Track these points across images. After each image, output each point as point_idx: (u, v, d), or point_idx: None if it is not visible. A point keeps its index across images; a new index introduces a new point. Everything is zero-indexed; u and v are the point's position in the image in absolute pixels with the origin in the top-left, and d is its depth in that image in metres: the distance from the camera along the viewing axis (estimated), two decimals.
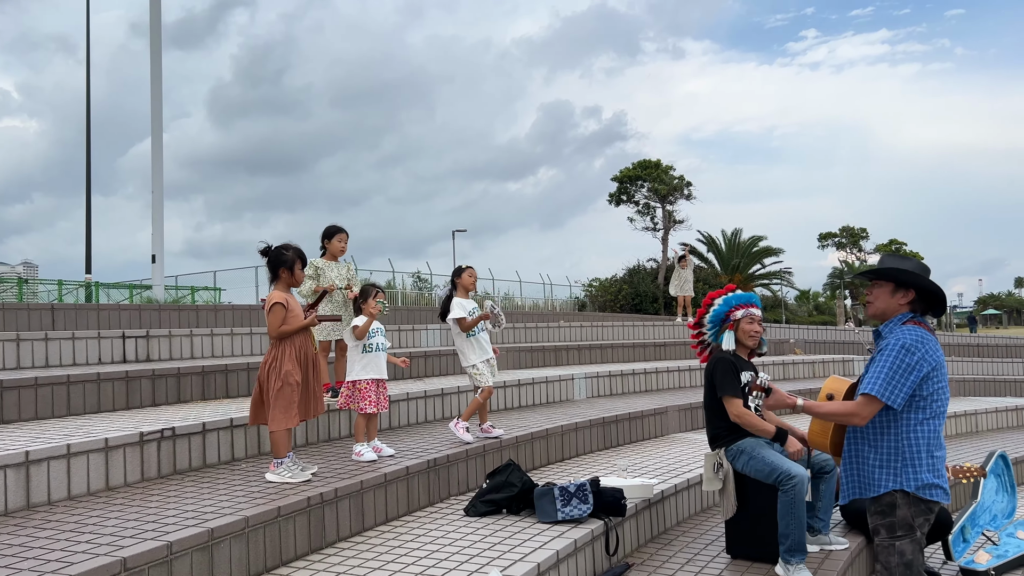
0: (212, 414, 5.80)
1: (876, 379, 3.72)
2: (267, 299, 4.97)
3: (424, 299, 31.24)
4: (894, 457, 3.76)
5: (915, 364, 3.68)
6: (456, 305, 6.27)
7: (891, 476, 3.76)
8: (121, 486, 4.75)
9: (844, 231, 77.18)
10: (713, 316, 5.13)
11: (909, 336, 3.74)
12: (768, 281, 44.47)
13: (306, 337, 5.03)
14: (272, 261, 4.99)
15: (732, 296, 5.15)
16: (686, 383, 10.76)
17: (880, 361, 3.75)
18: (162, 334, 7.91)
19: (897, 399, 3.69)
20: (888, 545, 3.80)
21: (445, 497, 5.55)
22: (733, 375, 4.90)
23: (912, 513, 3.75)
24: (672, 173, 36.22)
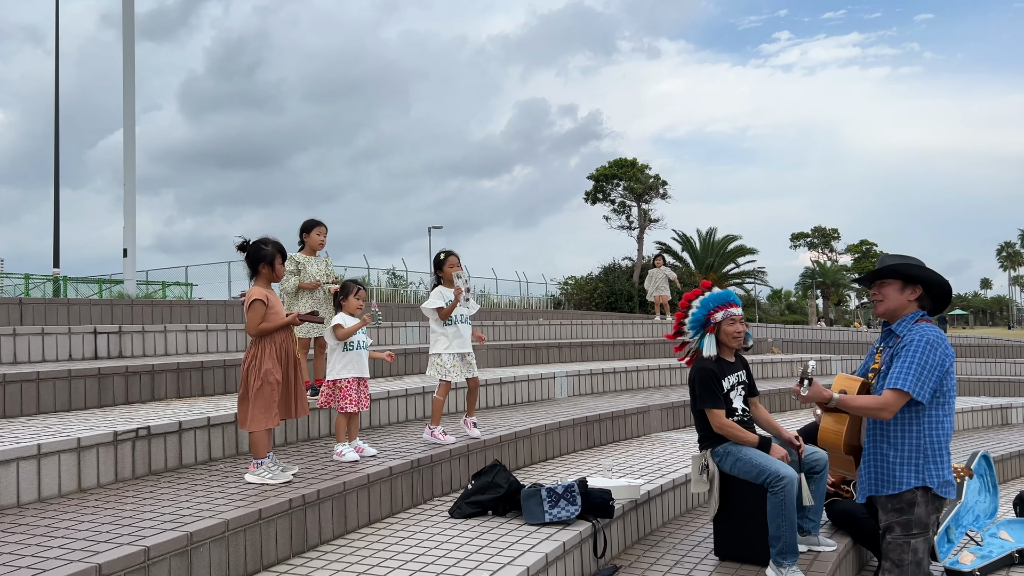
0: (188, 413, 5.63)
1: (906, 374, 3.72)
2: (247, 295, 4.82)
3: (400, 296, 31.03)
4: (917, 454, 3.78)
5: (939, 360, 3.75)
6: (435, 294, 6.10)
7: (913, 473, 3.79)
8: (94, 487, 4.58)
9: (816, 231, 78.18)
10: (693, 321, 5.01)
11: (931, 333, 3.80)
12: (742, 280, 44.79)
13: (287, 335, 4.88)
14: (251, 256, 4.83)
15: (708, 297, 5.02)
16: (666, 382, 10.72)
17: (906, 357, 3.76)
18: (135, 330, 7.70)
19: (925, 394, 3.73)
20: (903, 543, 3.80)
21: (429, 498, 5.43)
22: (715, 385, 4.84)
23: (928, 511, 3.81)
24: (648, 172, 36.29)
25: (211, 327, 8.37)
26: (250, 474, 4.72)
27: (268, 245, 4.83)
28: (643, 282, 32.75)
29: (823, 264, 70.89)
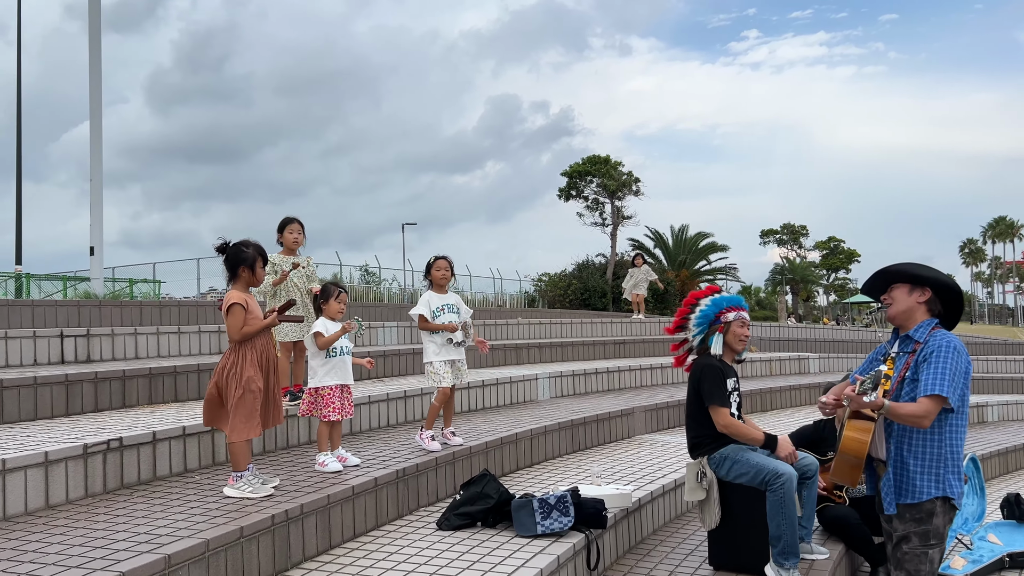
0: (162, 421, 5.39)
1: (941, 380, 3.64)
2: (224, 299, 4.60)
3: (373, 294, 30.71)
4: (938, 464, 3.72)
5: (964, 366, 3.72)
6: (423, 301, 5.91)
7: (934, 483, 3.72)
8: (63, 504, 4.34)
9: (785, 228, 78.93)
10: (701, 317, 4.88)
11: (954, 339, 3.75)
12: (713, 277, 44.93)
13: (267, 339, 4.67)
14: (231, 259, 4.61)
15: (721, 298, 4.93)
16: (647, 382, 10.63)
17: (937, 362, 3.68)
18: (103, 333, 7.41)
19: (956, 399, 3.68)
20: (920, 553, 3.74)
21: (414, 509, 5.25)
22: (721, 382, 4.72)
23: (944, 522, 3.76)
24: (621, 169, 36.28)
25: (183, 329, 8.09)
26: (229, 487, 4.51)
27: (249, 248, 4.61)
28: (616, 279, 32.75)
29: (792, 260, 71.59)
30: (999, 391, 13.02)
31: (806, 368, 13.29)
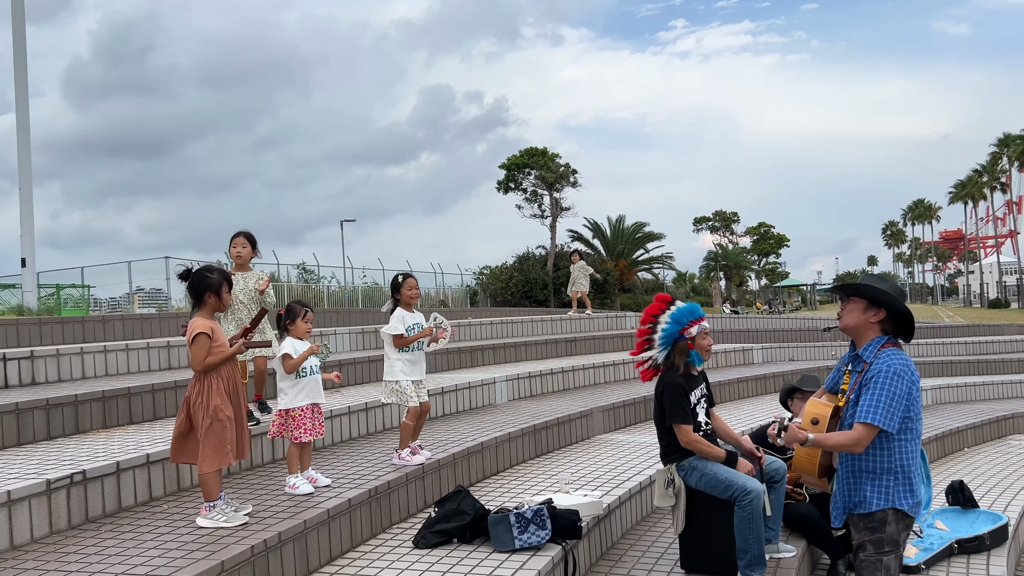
0: (122, 448, 5.24)
1: (875, 408, 3.76)
2: (189, 327, 4.48)
3: (312, 292, 30.25)
4: (887, 477, 3.83)
5: (905, 390, 3.79)
6: (396, 319, 5.81)
7: (884, 495, 3.84)
8: (27, 543, 4.19)
9: (717, 215, 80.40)
10: (665, 337, 4.94)
11: (896, 361, 3.82)
12: (650, 266, 45.65)
13: (233, 367, 4.57)
14: (195, 286, 4.50)
15: (680, 312, 4.98)
16: (600, 380, 10.76)
17: (874, 389, 3.79)
18: (48, 353, 7.14)
19: (894, 424, 3.77)
20: (875, 561, 3.85)
21: (387, 527, 5.23)
22: (683, 400, 4.81)
23: (899, 529, 3.86)
24: (558, 161, 36.47)
25: (131, 345, 7.86)
26: (202, 517, 4.41)
27: (213, 273, 4.51)
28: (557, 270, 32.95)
29: (725, 247, 73.07)
30: (930, 374, 13.47)
31: (751, 359, 13.63)
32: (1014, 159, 65.52)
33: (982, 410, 11.14)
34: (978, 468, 8.83)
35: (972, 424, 10.17)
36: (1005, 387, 12.78)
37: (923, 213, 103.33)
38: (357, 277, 33.83)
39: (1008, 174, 71.62)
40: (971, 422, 10.21)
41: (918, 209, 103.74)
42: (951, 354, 15.24)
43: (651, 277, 49.14)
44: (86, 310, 25.26)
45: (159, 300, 29.08)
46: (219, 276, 4.53)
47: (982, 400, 12.32)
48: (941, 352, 15.25)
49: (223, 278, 4.54)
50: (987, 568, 5.87)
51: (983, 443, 10.17)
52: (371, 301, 31.07)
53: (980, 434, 10.24)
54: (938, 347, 15.40)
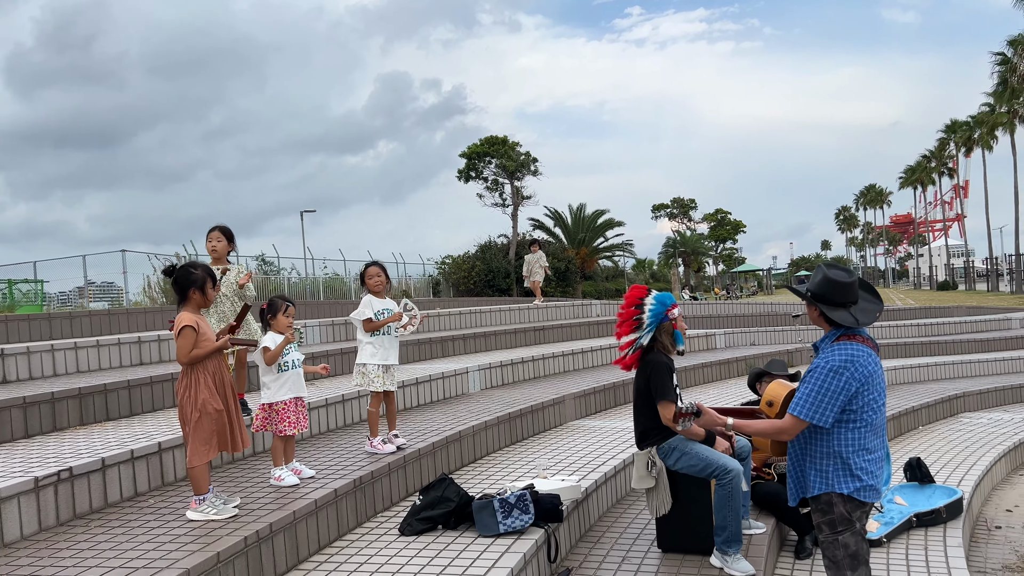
0: (104, 445, 5.26)
1: (804, 402, 3.90)
2: (175, 321, 4.54)
3: (272, 284, 29.97)
4: (827, 462, 3.95)
5: (842, 387, 3.86)
6: (365, 303, 5.96)
7: (823, 480, 3.96)
8: (18, 541, 4.21)
9: (675, 202, 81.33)
10: (652, 316, 5.09)
11: (838, 357, 3.90)
12: (611, 253, 46.06)
13: (220, 361, 4.63)
14: (180, 282, 4.55)
15: (662, 295, 5.16)
16: (570, 367, 10.94)
17: (809, 382, 3.92)
18: (18, 351, 7.09)
19: (825, 419, 3.87)
20: (832, 541, 4.00)
21: (372, 515, 5.33)
22: (669, 379, 4.98)
23: (848, 509, 3.95)
24: (519, 150, 36.56)
25: (102, 341, 7.81)
26: (192, 511, 4.48)
27: (197, 269, 4.57)
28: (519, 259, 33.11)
29: (683, 233, 73.95)
30: (885, 356, 13.98)
31: (713, 344, 13.93)
32: (960, 145, 67.26)
33: (935, 390, 11.56)
34: (933, 445, 9.20)
35: (926, 403, 10.56)
36: (955, 367, 13.26)
37: (875, 198, 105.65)
38: (318, 268, 33.58)
39: (955, 159, 73.52)
40: (925, 401, 10.60)
41: (870, 194, 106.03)
42: (904, 336, 15.74)
43: (611, 264, 49.61)
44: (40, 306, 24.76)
45: (111, 294, 28.59)
46: (203, 272, 4.58)
47: (934, 380, 12.78)
48: (895, 334, 15.73)
49: (207, 274, 4.59)
50: (944, 539, 6.17)
51: (936, 421, 10.58)
52: (333, 293, 30.90)
53: (933, 412, 10.64)
54: (892, 330, 15.87)
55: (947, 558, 5.78)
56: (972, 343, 15.32)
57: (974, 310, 20.11)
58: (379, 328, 5.92)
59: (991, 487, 8.30)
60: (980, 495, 7.76)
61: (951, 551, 5.93)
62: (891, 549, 6.02)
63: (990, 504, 7.93)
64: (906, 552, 5.95)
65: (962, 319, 17.81)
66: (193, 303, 4.57)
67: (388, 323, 5.94)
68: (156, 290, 19.52)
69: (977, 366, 13.47)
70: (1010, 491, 8.38)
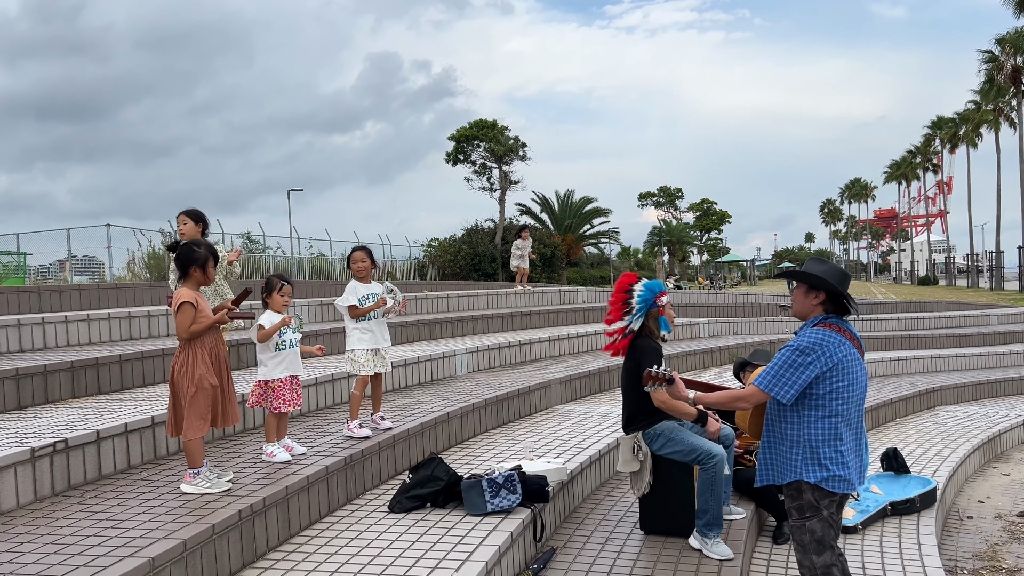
0: (97, 418, 5.32)
1: (767, 375, 4.06)
2: (174, 297, 4.60)
3: (258, 263, 29.89)
4: (796, 450, 4.07)
5: (807, 364, 3.98)
6: (349, 290, 6.03)
7: (791, 467, 4.10)
8: (14, 510, 4.28)
9: (662, 191, 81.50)
10: (642, 302, 5.20)
11: (809, 338, 4.05)
12: (597, 240, 46.23)
13: (217, 337, 4.70)
14: (182, 259, 4.62)
15: (650, 282, 5.27)
16: (556, 352, 11.06)
17: (776, 359, 4.08)
18: (9, 323, 7.11)
19: (783, 393, 4.00)
20: (800, 525, 4.15)
21: (361, 493, 5.43)
22: (659, 361, 5.09)
23: (816, 497, 4.07)
24: (508, 134, 36.56)
25: (92, 316, 7.84)
26: (186, 484, 4.56)
27: (200, 247, 4.63)
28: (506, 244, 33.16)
29: (669, 222, 74.19)
30: (866, 349, 14.21)
31: (697, 333, 14.10)
32: (946, 141, 67.77)
33: (913, 383, 11.79)
34: (909, 437, 9.41)
35: (904, 396, 10.78)
36: (933, 361, 13.51)
37: (859, 192, 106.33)
38: (303, 248, 33.49)
39: (940, 155, 74.10)
40: (903, 394, 10.82)
41: (855, 188, 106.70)
42: (885, 330, 15.98)
43: (597, 252, 49.80)
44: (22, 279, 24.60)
45: (92, 268, 28.42)
46: (205, 251, 4.64)
47: (913, 373, 13.02)
48: (876, 328, 15.97)
49: (209, 253, 4.65)
50: (917, 528, 6.35)
51: (913, 413, 10.80)
52: (318, 272, 30.87)
53: (911, 405, 10.86)
54: (873, 323, 16.11)
55: (920, 546, 5.96)
56: (951, 338, 15.59)
57: (953, 305, 20.41)
58: (364, 314, 5.97)
59: (964, 479, 8.52)
60: (953, 486, 7.97)
61: (924, 540, 6.11)
62: (866, 536, 6.19)
63: (963, 495, 8.15)
64: (880, 540, 6.13)
65: (941, 314, 18.08)
66: (193, 280, 4.63)
67: (373, 309, 6.00)
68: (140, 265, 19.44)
69: (955, 360, 13.73)
70: (983, 483, 8.60)
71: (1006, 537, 6.84)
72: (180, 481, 4.64)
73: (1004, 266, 48.94)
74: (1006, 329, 17.18)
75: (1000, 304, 22.45)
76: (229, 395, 4.72)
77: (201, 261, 4.58)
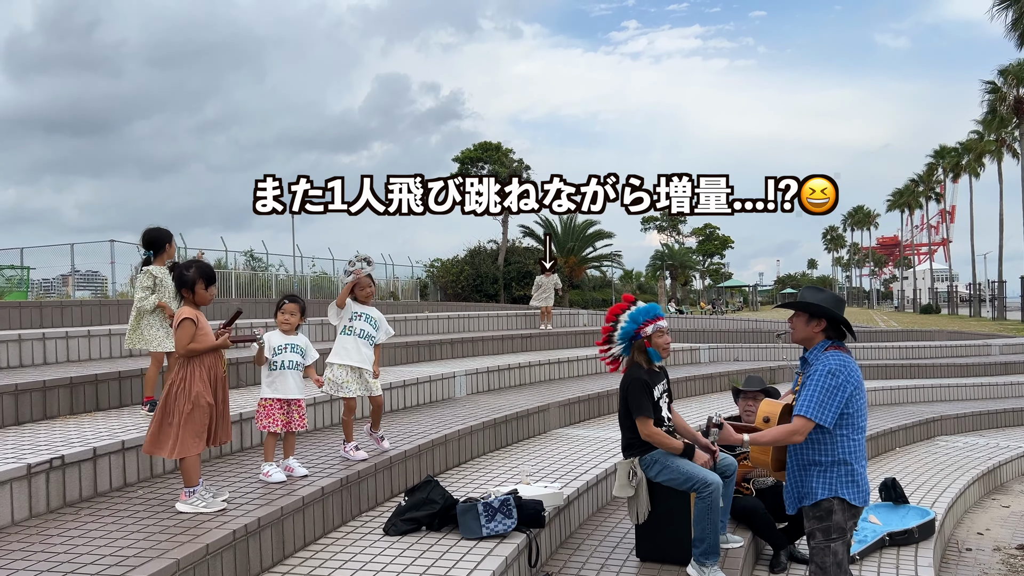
0: (95, 435, 5.32)
1: (809, 402, 4.14)
2: (176, 314, 4.63)
3: (260, 280, 29.95)
4: (833, 469, 4.19)
5: (840, 385, 4.14)
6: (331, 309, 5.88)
7: (828, 486, 4.20)
8: (9, 526, 4.27)
9: (664, 214, 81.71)
10: (622, 335, 5.23)
11: (833, 361, 4.19)
12: (599, 263, 46.26)
13: (216, 356, 4.71)
14: (175, 281, 4.66)
15: (638, 311, 5.25)
16: (555, 375, 11.05)
17: (810, 385, 4.18)
18: (10, 338, 7.13)
19: (827, 418, 4.12)
20: (824, 547, 4.20)
21: (357, 514, 5.42)
22: (646, 395, 5.09)
23: (845, 518, 4.21)
24: (512, 156, 36.81)
25: (93, 332, 7.86)
26: (182, 503, 4.55)
27: (190, 270, 4.66)
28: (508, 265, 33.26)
29: (671, 246, 74.25)
30: (867, 378, 14.08)
31: (698, 358, 14.08)
32: (948, 170, 67.93)
33: (913, 412, 11.75)
34: (909, 466, 9.37)
35: (904, 425, 10.74)
36: (934, 391, 13.47)
37: (862, 219, 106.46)
38: (306, 266, 33.58)
39: (943, 184, 74.24)
40: (903, 423, 10.78)
41: (858, 215, 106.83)
42: (886, 358, 15.93)
43: (599, 274, 49.82)
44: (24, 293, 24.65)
45: (95, 283, 28.48)
46: (195, 272, 4.66)
47: (913, 403, 12.97)
48: (877, 356, 15.93)
49: (200, 275, 4.66)
50: (915, 559, 6.31)
51: (913, 443, 10.76)
52: (321, 292, 30.89)
53: (911, 435, 10.82)
54: (875, 351, 16.07)
55: None
56: (952, 367, 15.54)
57: (955, 335, 20.38)
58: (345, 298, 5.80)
59: (964, 510, 8.48)
60: (952, 517, 7.93)
61: (922, 571, 6.07)
62: (863, 567, 6.16)
63: (962, 527, 8.10)
64: (878, 571, 6.09)
65: (943, 343, 18.05)
66: (188, 301, 4.66)
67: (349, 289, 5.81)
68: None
69: (956, 390, 13.68)
70: (982, 515, 8.55)
71: (1005, 570, 6.79)
72: (175, 499, 4.63)
73: (1006, 296, 48.90)
74: (1008, 359, 17.13)
75: (1002, 334, 22.42)
76: (223, 414, 4.73)
77: (190, 283, 4.61)
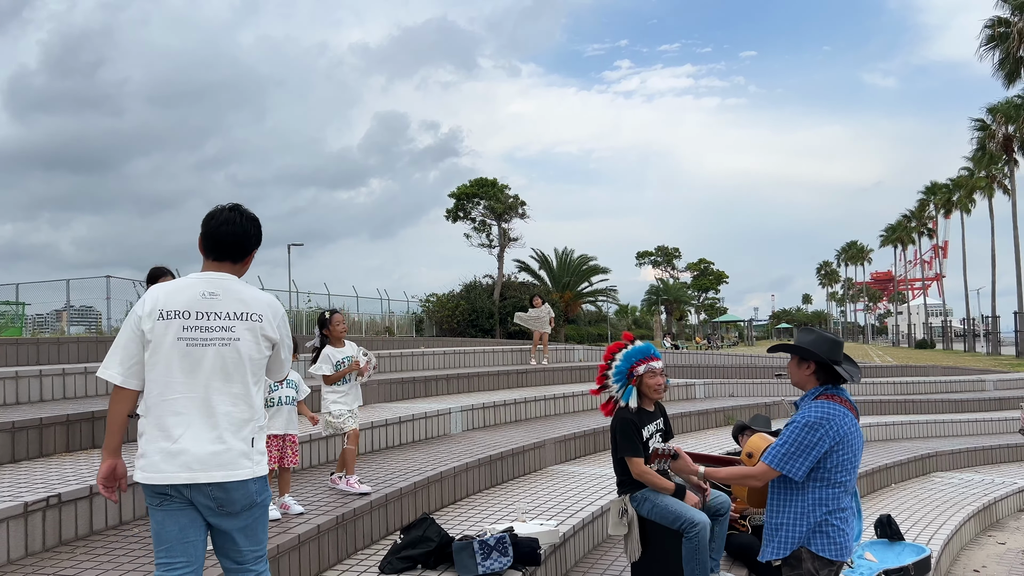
0: (91, 472, 5.33)
1: (777, 452, 4.05)
2: None
3: None
4: (800, 520, 4.07)
5: (816, 441, 3.99)
6: (324, 358, 6.08)
7: (797, 538, 4.08)
8: (4, 565, 4.27)
9: (659, 250, 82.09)
10: (617, 374, 5.28)
11: (815, 413, 4.05)
12: (595, 298, 46.36)
13: None
14: None
15: (632, 351, 5.31)
16: (550, 411, 11.06)
17: (785, 435, 4.08)
18: (7, 375, 7.14)
19: (796, 471, 4.01)
20: None
21: (352, 552, 5.41)
22: (635, 434, 5.13)
23: (816, 566, 4.06)
24: (508, 192, 37.03)
25: (90, 368, 7.87)
26: None
27: None
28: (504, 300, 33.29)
29: (666, 281, 74.50)
30: (862, 413, 14.22)
31: (693, 394, 14.10)
32: (940, 206, 68.56)
33: (908, 448, 11.76)
34: (904, 503, 9.36)
35: (899, 461, 10.75)
36: (929, 426, 13.49)
37: (856, 255, 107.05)
38: (302, 301, 33.61)
39: (935, 220, 74.83)
40: (898, 459, 10.79)
41: (851, 251, 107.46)
42: (881, 394, 15.97)
43: (595, 309, 49.92)
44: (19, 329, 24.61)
45: (89, 318, 28.45)
46: None
47: (908, 439, 12.98)
48: (872, 392, 15.97)
49: None
50: None
51: (909, 479, 10.76)
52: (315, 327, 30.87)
53: (906, 471, 10.82)
54: (870, 387, 16.12)
55: None
56: (947, 403, 15.59)
57: (950, 370, 20.44)
58: (340, 379, 6.09)
59: (960, 547, 8.46)
60: (949, 554, 7.92)
61: None
62: None
63: (958, 564, 8.08)
64: None
65: (937, 379, 18.10)
66: None
67: (349, 372, 6.10)
68: None
69: (951, 426, 13.71)
70: (978, 551, 8.54)
71: None
72: None
73: (1000, 331, 49.06)
74: (1002, 395, 17.18)
75: (996, 369, 22.48)
76: None
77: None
